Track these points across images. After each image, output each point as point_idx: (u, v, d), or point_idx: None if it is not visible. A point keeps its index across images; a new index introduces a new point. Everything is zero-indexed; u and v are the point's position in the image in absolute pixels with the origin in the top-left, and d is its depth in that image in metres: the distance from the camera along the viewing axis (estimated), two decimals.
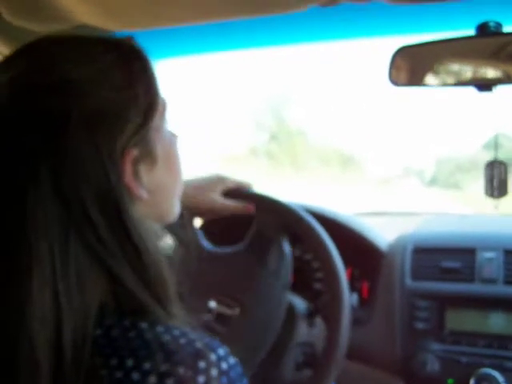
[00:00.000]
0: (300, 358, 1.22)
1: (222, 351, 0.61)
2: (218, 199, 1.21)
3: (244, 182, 1.25)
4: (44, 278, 0.59)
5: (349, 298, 1.11)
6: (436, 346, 1.34)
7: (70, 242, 0.61)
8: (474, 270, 1.39)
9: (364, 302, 1.46)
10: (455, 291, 1.37)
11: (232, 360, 0.62)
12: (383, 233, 1.56)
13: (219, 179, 1.23)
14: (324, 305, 1.17)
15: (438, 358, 1.32)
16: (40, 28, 1.04)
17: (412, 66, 1.13)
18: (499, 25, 1.03)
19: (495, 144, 1.21)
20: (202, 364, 0.59)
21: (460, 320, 1.36)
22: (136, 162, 0.66)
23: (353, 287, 1.47)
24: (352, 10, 0.99)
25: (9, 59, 0.67)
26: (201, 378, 0.58)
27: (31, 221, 0.60)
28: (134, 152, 0.66)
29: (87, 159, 0.62)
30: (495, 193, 1.40)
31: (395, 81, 1.12)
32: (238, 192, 1.22)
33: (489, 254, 1.40)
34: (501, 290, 1.34)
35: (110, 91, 0.64)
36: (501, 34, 1.04)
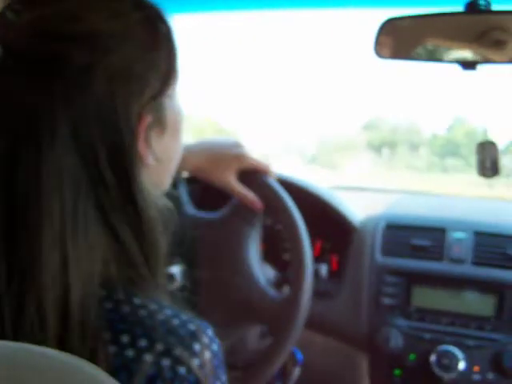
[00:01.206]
0: (264, 327, 1.22)
1: (210, 332, 0.61)
2: (231, 180, 1.14)
3: (262, 164, 1.17)
4: (54, 236, 0.58)
5: (311, 268, 1.12)
6: (401, 322, 1.36)
7: (80, 199, 0.59)
8: (443, 250, 1.40)
9: (333, 275, 1.47)
10: (423, 269, 1.38)
11: (217, 340, 0.62)
12: (356, 207, 1.56)
13: (237, 156, 1.15)
14: (291, 275, 1.16)
15: (402, 333, 1.34)
16: None
17: (398, 39, 1.11)
18: (488, 3, 1.02)
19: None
20: (196, 346, 0.58)
21: (426, 297, 1.37)
22: (148, 129, 0.65)
23: (323, 259, 1.47)
24: None
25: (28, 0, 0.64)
26: (196, 361, 0.58)
27: (44, 171, 0.58)
28: (149, 118, 0.65)
29: (105, 117, 0.61)
30: (488, 172, 1.41)
31: (380, 53, 1.10)
32: (253, 178, 1.16)
33: (458, 234, 1.41)
34: (468, 270, 1.36)
35: (135, 49, 0.63)
36: (490, 12, 1.03)
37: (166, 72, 0.67)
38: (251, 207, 1.14)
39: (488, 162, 1.43)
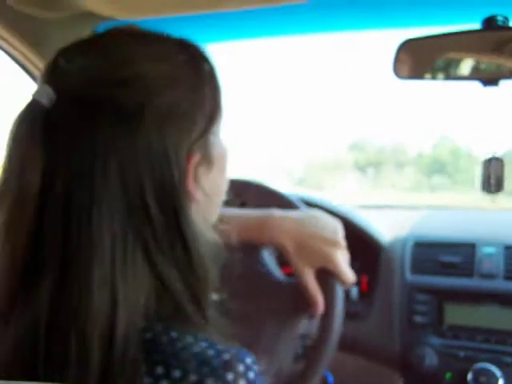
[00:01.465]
0: (299, 350, 1.21)
1: (249, 360, 0.61)
2: (308, 274, 1.05)
3: (346, 275, 1.07)
4: (104, 275, 0.59)
5: (342, 289, 1.11)
6: (434, 341, 1.34)
7: (128, 237, 0.61)
8: (473, 265, 1.39)
9: (363, 296, 1.46)
10: (454, 286, 1.37)
11: (258, 368, 0.62)
12: (381, 226, 1.56)
13: (328, 255, 1.05)
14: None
15: (437, 352, 1.33)
16: (43, 14, 1.03)
17: (416, 60, 1.12)
18: (506, 19, 1.03)
19: None
20: (230, 376, 0.58)
21: (459, 314, 1.36)
22: (197, 166, 0.67)
23: None
24: (355, 1, 0.98)
25: (80, 47, 0.67)
26: None
27: (96, 212, 0.60)
28: (197, 155, 0.66)
29: (154, 157, 0.62)
30: (492, 189, 1.40)
31: (399, 74, 1.11)
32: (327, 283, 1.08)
33: (488, 249, 1.40)
34: (500, 285, 1.35)
35: (181, 91, 0.65)
36: (507, 28, 1.04)
37: (212, 110, 0.68)
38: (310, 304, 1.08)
39: (493, 178, 1.41)
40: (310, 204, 1.23)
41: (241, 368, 0.60)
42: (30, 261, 0.61)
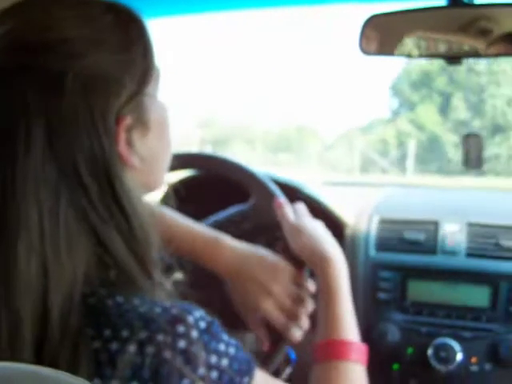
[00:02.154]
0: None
1: (198, 313, 0.61)
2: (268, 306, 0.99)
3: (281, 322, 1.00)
4: (31, 243, 0.58)
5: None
6: (397, 316, 1.36)
7: (60, 205, 0.60)
8: (436, 243, 1.40)
9: None
10: (418, 263, 1.39)
11: (209, 318, 0.62)
12: (348, 203, 1.56)
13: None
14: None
15: (399, 327, 1.34)
16: None
17: (382, 36, 1.11)
18: None
19: None
20: (180, 328, 0.59)
21: (422, 291, 1.38)
22: (129, 130, 0.65)
23: None
24: None
25: (1, 15, 0.65)
26: (181, 342, 0.58)
27: (20, 183, 0.59)
28: (128, 119, 0.65)
29: (81, 123, 0.61)
30: (473, 164, 1.41)
31: (366, 50, 1.11)
32: None
33: (451, 226, 1.42)
34: (462, 262, 1.36)
35: (106, 53, 0.64)
36: (472, 6, 1.04)
37: (143, 72, 0.67)
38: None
39: (473, 154, 1.43)
40: (277, 182, 1.23)
41: (190, 319, 0.60)
42: None
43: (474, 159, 1.44)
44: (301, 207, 1.04)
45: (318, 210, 1.46)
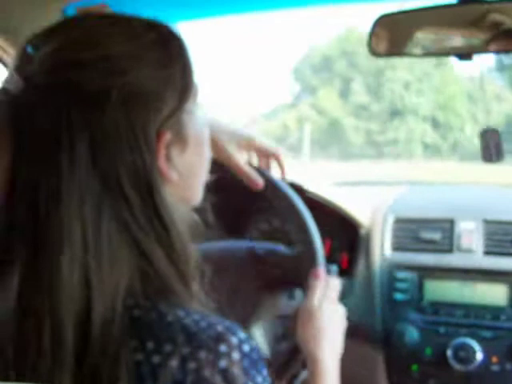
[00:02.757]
0: (279, 330, 1.21)
1: (242, 334, 0.61)
2: (237, 155, 1.08)
3: (273, 148, 1.12)
4: (74, 255, 0.59)
5: (324, 264, 1.10)
6: (415, 317, 1.35)
7: (103, 218, 0.61)
8: (452, 241, 1.39)
9: (343, 273, 1.46)
10: (434, 262, 1.37)
11: (253, 342, 0.62)
12: (363, 203, 1.55)
13: (250, 136, 1.10)
14: (303, 277, 1.16)
15: (417, 328, 1.33)
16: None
17: (392, 35, 1.10)
18: None
19: None
20: (223, 347, 0.59)
21: (439, 291, 1.36)
22: (169, 145, 0.66)
23: (332, 259, 1.46)
24: None
25: (46, 33, 0.67)
26: (222, 362, 0.58)
27: (65, 196, 0.60)
28: (168, 135, 0.66)
29: (123, 138, 0.62)
30: (493, 158, 1.41)
31: (376, 50, 1.10)
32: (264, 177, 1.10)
33: (468, 225, 1.40)
34: (479, 260, 1.35)
35: (148, 70, 0.65)
36: (482, 2, 1.02)
37: (182, 88, 0.68)
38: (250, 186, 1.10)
39: (492, 149, 1.42)
40: (290, 184, 1.22)
41: (234, 340, 0.60)
42: (1, 249, 0.61)
43: (493, 153, 1.43)
44: (335, 284, 1.00)
45: (331, 210, 1.46)
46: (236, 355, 0.59)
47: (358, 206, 1.52)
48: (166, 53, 0.67)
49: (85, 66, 0.62)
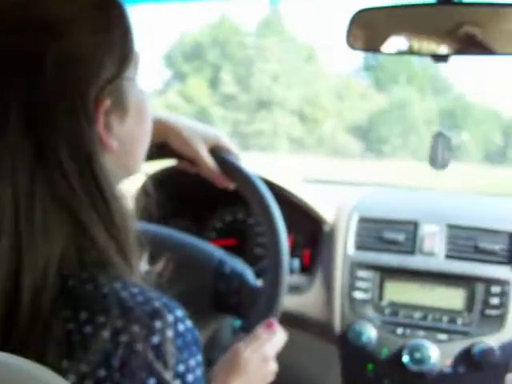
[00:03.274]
0: (238, 322, 1.20)
1: (179, 312, 0.61)
2: (202, 151, 1.07)
3: (235, 150, 1.11)
4: (5, 220, 0.58)
5: (288, 260, 1.09)
6: (374, 317, 1.35)
7: (36, 187, 0.60)
8: (415, 243, 1.39)
9: (305, 270, 1.45)
10: (396, 263, 1.38)
11: (189, 323, 0.61)
12: (329, 200, 1.55)
13: (215, 133, 1.10)
14: (263, 269, 1.14)
15: (375, 328, 1.33)
16: None
17: (370, 30, 1.10)
18: None
19: None
20: (158, 324, 0.58)
21: (399, 292, 1.37)
22: (108, 113, 0.65)
23: (294, 253, 1.45)
24: None
25: None
26: (155, 338, 0.57)
27: None
28: (107, 102, 0.65)
29: (60, 104, 0.61)
30: (439, 164, 1.42)
31: (353, 45, 1.09)
32: (229, 166, 1.09)
33: (431, 228, 1.41)
34: (440, 264, 1.36)
35: (86, 34, 0.64)
36: (462, 4, 1.02)
37: (122, 54, 0.67)
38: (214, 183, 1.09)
39: (440, 154, 1.43)
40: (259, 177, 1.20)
41: (170, 318, 0.59)
42: None
43: (440, 159, 1.44)
44: (280, 340, 0.98)
45: (297, 206, 1.45)
46: (170, 333, 0.58)
47: (324, 202, 1.51)
48: (105, 18, 0.66)
49: (21, 28, 0.61)
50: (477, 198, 1.75)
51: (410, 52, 1.10)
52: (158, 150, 1.09)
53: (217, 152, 1.08)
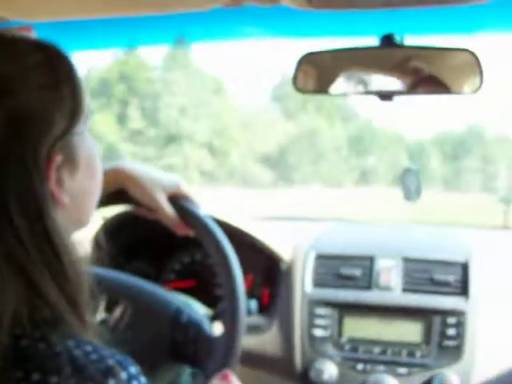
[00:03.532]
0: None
1: (133, 369, 0.60)
2: (161, 199, 1.07)
3: (194, 197, 1.11)
4: None
5: (244, 304, 1.09)
6: (334, 353, 1.35)
7: None
8: (371, 278, 1.40)
9: (264, 309, 1.45)
10: (353, 299, 1.38)
11: (143, 379, 0.61)
12: (285, 238, 1.55)
13: (174, 181, 1.09)
14: (221, 312, 1.13)
15: (336, 365, 1.33)
16: None
17: (317, 73, 1.12)
18: (402, 38, 1.05)
19: None
20: (111, 382, 0.57)
21: (358, 327, 1.37)
22: (59, 168, 0.65)
23: (253, 294, 1.45)
24: (256, 12, 0.97)
25: None
26: None
27: None
28: (59, 158, 0.65)
29: (11, 161, 0.61)
30: (413, 197, 1.45)
31: (300, 88, 1.11)
32: (185, 210, 1.09)
33: (387, 262, 1.43)
34: (397, 297, 1.37)
35: (35, 91, 0.64)
36: (404, 47, 1.06)
37: (72, 110, 0.67)
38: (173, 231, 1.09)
39: (412, 187, 1.47)
40: (213, 218, 1.20)
41: (123, 375, 0.58)
42: None
43: (413, 191, 1.48)
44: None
45: (255, 246, 1.45)
46: None
47: (280, 240, 1.52)
48: (53, 74, 0.66)
49: None
50: (431, 229, 1.78)
51: (358, 92, 1.14)
52: (117, 196, 1.09)
53: (176, 200, 1.08)
